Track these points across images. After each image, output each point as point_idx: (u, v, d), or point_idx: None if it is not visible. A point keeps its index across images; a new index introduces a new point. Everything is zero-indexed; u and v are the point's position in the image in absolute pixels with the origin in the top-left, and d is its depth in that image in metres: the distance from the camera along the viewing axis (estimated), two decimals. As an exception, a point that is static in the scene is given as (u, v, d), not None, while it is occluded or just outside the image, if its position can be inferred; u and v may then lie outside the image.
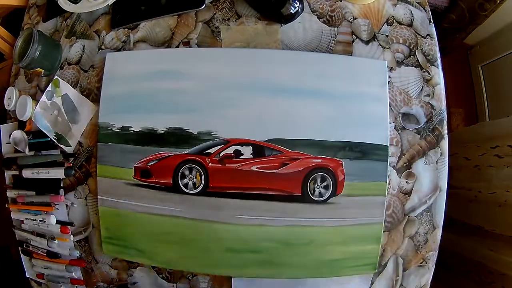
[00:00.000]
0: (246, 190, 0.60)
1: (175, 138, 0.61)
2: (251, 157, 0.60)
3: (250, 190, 0.60)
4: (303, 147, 0.59)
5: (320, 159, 0.59)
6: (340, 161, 0.59)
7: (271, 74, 0.60)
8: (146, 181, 0.62)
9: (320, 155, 0.59)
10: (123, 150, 0.63)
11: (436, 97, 0.61)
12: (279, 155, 0.59)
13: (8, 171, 0.72)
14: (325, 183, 0.59)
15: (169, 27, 0.66)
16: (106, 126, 0.64)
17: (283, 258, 0.60)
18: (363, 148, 0.59)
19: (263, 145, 0.59)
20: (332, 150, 0.58)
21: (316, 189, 0.59)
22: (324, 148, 0.58)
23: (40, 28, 0.74)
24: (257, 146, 0.59)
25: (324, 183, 0.59)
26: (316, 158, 0.59)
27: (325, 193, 0.59)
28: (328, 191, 0.59)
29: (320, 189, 0.59)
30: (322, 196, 0.59)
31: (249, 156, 0.60)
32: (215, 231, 0.60)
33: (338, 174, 0.59)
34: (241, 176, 0.60)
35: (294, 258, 0.58)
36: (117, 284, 0.67)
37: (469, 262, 0.90)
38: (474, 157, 0.96)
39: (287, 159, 0.59)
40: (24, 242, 0.71)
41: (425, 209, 0.61)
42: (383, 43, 0.62)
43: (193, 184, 0.60)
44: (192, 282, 0.64)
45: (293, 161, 0.59)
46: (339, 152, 0.58)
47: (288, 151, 0.59)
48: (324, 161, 0.59)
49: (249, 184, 0.60)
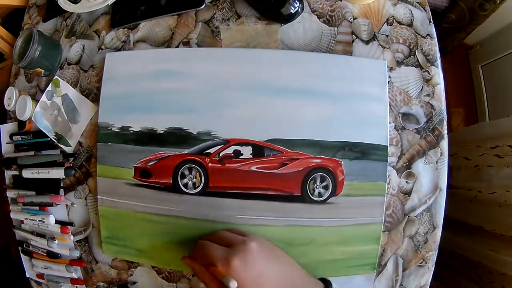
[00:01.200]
0: (245, 190, 0.60)
1: (175, 138, 0.61)
2: (250, 157, 0.59)
3: (250, 190, 0.60)
4: (303, 147, 0.59)
5: (320, 159, 0.58)
6: (339, 161, 0.59)
7: (270, 74, 0.60)
8: (145, 181, 0.62)
9: (320, 155, 0.58)
10: (122, 150, 0.63)
11: (436, 97, 0.61)
12: (278, 155, 0.59)
13: (8, 171, 0.72)
14: (325, 183, 0.59)
15: (169, 27, 0.66)
16: (106, 126, 0.64)
17: None
18: (363, 148, 0.58)
19: (263, 145, 0.59)
20: (332, 150, 0.58)
21: (316, 189, 0.59)
22: (323, 148, 0.58)
23: (40, 28, 0.74)
24: (256, 146, 0.59)
25: (323, 183, 0.59)
26: (315, 158, 0.59)
27: (324, 193, 0.59)
28: (328, 191, 0.59)
29: (320, 189, 0.59)
30: (322, 196, 0.59)
31: (248, 156, 0.59)
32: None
33: (338, 174, 0.59)
34: (240, 176, 0.59)
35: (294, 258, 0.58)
36: (117, 284, 0.67)
37: (469, 262, 0.90)
38: (474, 157, 0.96)
39: (286, 159, 0.59)
40: (24, 242, 0.72)
41: (425, 209, 0.61)
42: (383, 43, 0.62)
43: (193, 184, 0.60)
44: (192, 282, 0.64)
45: (292, 161, 0.59)
46: (339, 152, 0.58)
47: (288, 151, 0.59)
48: (323, 161, 0.58)
49: (248, 184, 0.59)
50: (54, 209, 0.68)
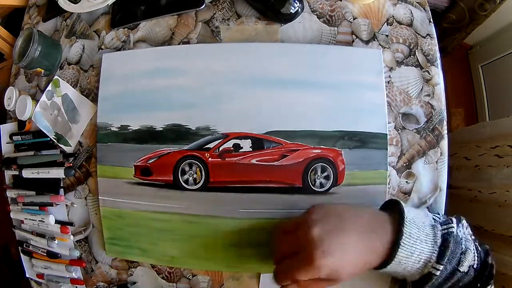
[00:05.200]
0: (246, 184, 0.59)
1: (174, 135, 0.61)
2: (250, 150, 0.59)
3: (251, 183, 0.59)
4: (302, 138, 0.58)
5: (320, 150, 0.58)
6: (339, 151, 0.58)
7: (267, 66, 0.60)
8: (146, 179, 0.62)
9: (319, 146, 0.58)
10: (122, 149, 0.63)
11: (436, 97, 0.61)
12: (278, 147, 0.59)
13: (8, 171, 0.72)
14: (326, 173, 0.58)
15: (169, 27, 0.66)
16: (105, 126, 0.64)
17: None
18: (362, 137, 0.58)
19: (262, 138, 0.59)
20: (331, 140, 0.58)
21: (317, 180, 0.59)
22: (323, 138, 0.58)
23: (40, 28, 0.74)
24: (256, 139, 0.59)
25: (324, 173, 0.58)
26: (315, 148, 0.58)
27: (326, 184, 0.59)
28: (329, 181, 0.58)
29: (321, 179, 0.59)
30: (323, 186, 0.59)
31: (248, 149, 0.59)
32: (217, 226, 0.59)
33: (338, 163, 0.58)
34: (241, 170, 0.59)
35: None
36: (117, 284, 0.67)
37: (469, 262, 0.90)
38: (474, 157, 0.96)
39: (286, 151, 0.59)
40: (24, 242, 0.72)
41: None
42: (383, 43, 0.62)
43: (194, 180, 0.60)
44: (192, 282, 0.64)
45: (292, 153, 0.59)
46: (338, 142, 0.58)
47: (287, 142, 0.59)
48: (323, 151, 0.58)
49: (249, 178, 0.59)
50: (54, 209, 0.68)
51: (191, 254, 0.61)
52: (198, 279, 0.64)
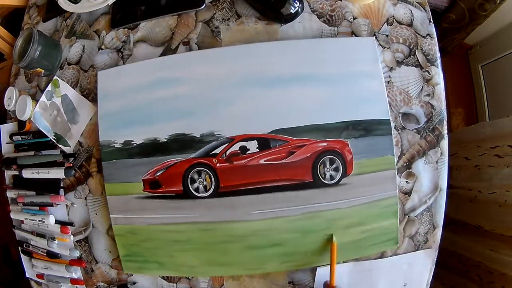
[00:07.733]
0: (257, 185, 0.59)
1: (179, 144, 0.61)
2: (257, 151, 0.59)
3: (262, 184, 0.59)
4: (307, 133, 0.59)
5: (326, 142, 0.59)
6: (345, 141, 0.58)
7: (264, 66, 0.60)
8: (156, 192, 0.61)
9: (325, 138, 0.58)
10: (128, 165, 0.62)
11: (436, 97, 0.61)
12: (284, 144, 0.59)
13: (8, 171, 0.72)
14: (335, 165, 0.59)
15: (169, 27, 0.66)
16: (108, 143, 0.63)
17: (304, 246, 0.59)
18: (366, 125, 0.58)
19: (268, 137, 0.59)
20: (336, 131, 0.58)
21: (327, 173, 0.59)
22: (327, 131, 0.58)
23: (40, 28, 0.74)
24: (261, 139, 0.59)
25: (333, 165, 0.59)
26: (321, 142, 0.59)
27: (336, 175, 0.59)
28: (339, 172, 0.59)
29: (331, 171, 0.59)
30: (334, 178, 0.59)
31: (255, 150, 0.59)
32: (233, 231, 0.59)
33: (346, 154, 0.58)
34: (250, 172, 0.59)
35: (315, 245, 0.58)
36: (117, 284, 0.67)
37: (469, 262, 0.90)
38: (474, 157, 0.96)
39: (293, 147, 0.59)
40: (24, 242, 0.71)
41: (425, 209, 0.61)
42: (383, 43, 0.62)
43: (204, 187, 0.60)
44: (192, 282, 0.64)
45: (299, 149, 0.59)
46: (343, 133, 0.58)
47: (293, 139, 0.59)
48: (330, 144, 0.58)
49: (259, 178, 0.59)
50: (54, 209, 0.68)
51: (209, 262, 0.61)
52: (198, 279, 0.64)
